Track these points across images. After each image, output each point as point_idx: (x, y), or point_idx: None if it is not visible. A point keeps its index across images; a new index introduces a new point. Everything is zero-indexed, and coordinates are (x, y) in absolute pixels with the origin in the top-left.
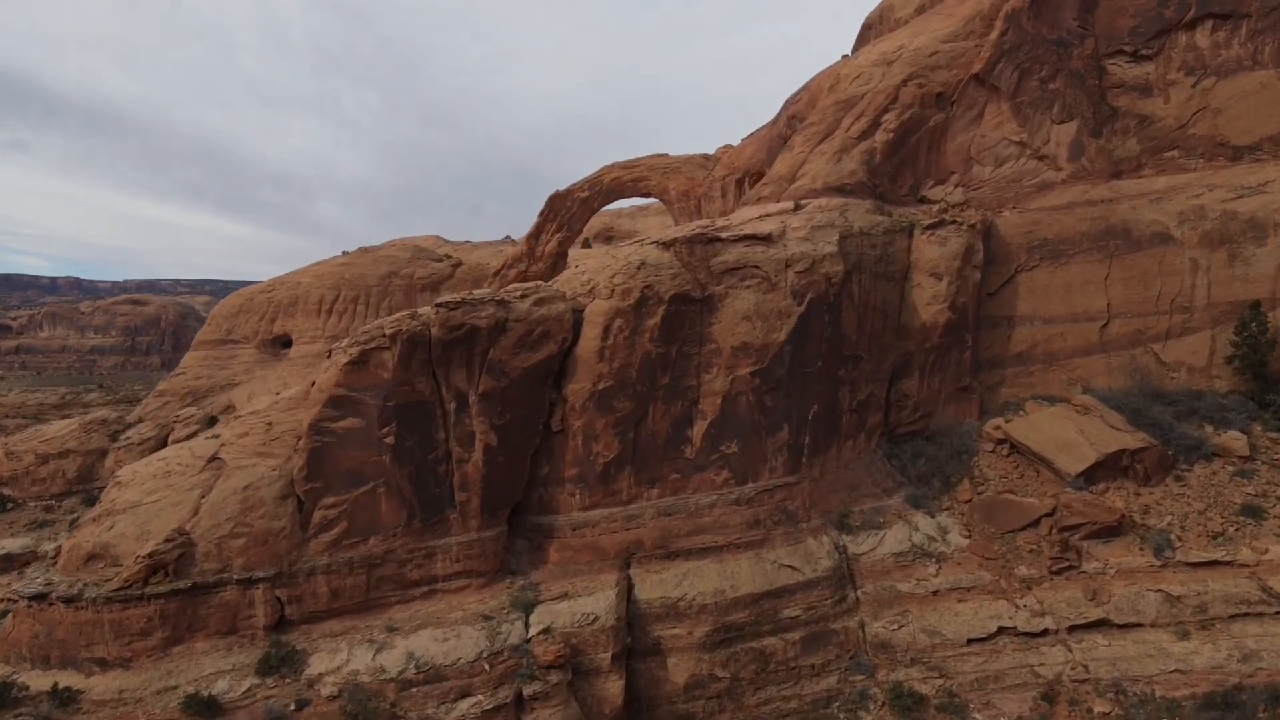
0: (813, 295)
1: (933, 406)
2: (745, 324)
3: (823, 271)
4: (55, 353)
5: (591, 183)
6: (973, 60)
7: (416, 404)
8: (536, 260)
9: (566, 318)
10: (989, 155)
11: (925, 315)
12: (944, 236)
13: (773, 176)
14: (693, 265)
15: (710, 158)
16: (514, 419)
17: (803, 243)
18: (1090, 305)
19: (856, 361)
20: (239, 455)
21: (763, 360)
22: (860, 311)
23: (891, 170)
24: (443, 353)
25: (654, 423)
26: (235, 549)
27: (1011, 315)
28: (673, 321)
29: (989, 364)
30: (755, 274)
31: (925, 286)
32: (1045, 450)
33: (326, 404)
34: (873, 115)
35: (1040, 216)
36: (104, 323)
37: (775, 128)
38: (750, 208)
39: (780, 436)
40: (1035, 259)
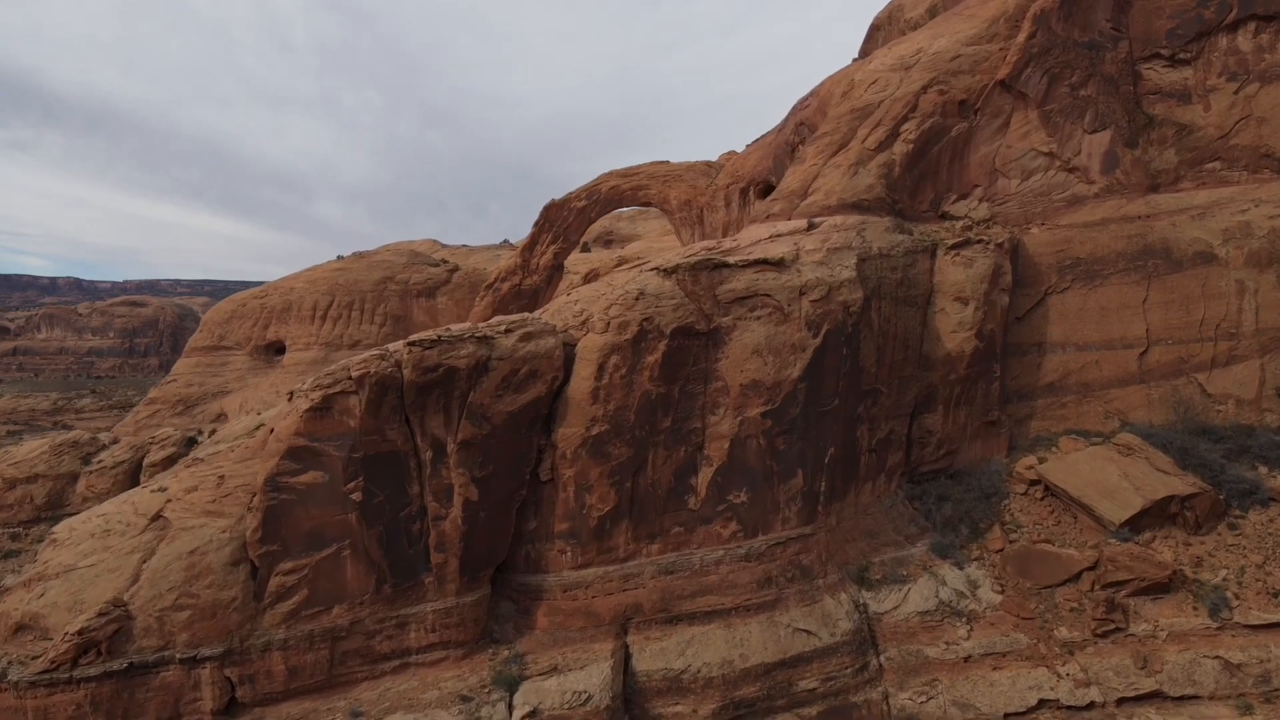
0: (829, 326)
1: (958, 443)
2: (755, 359)
3: (840, 299)
4: (53, 355)
5: (589, 191)
6: (997, 65)
7: (387, 455)
8: (531, 273)
9: (557, 354)
10: (1015, 167)
11: (950, 344)
12: (969, 257)
13: (783, 191)
14: (697, 294)
15: (713, 165)
16: (498, 469)
17: (818, 267)
18: (1127, 331)
19: (876, 397)
20: (186, 513)
21: (774, 399)
22: (880, 341)
23: (911, 184)
24: (417, 397)
25: (654, 470)
26: (179, 623)
27: (1041, 342)
28: (675, 358)
29: (1017, 395)
30: (766, 303)
31: (950, 312)
32: (1085, 495)
33: (285, 456)
34: (891, 124)
35: (1072, 234)
36: (101, 324)
37: (782, 134)
38: (759, 226)
39: (794, 483)
40: (1067, 280)
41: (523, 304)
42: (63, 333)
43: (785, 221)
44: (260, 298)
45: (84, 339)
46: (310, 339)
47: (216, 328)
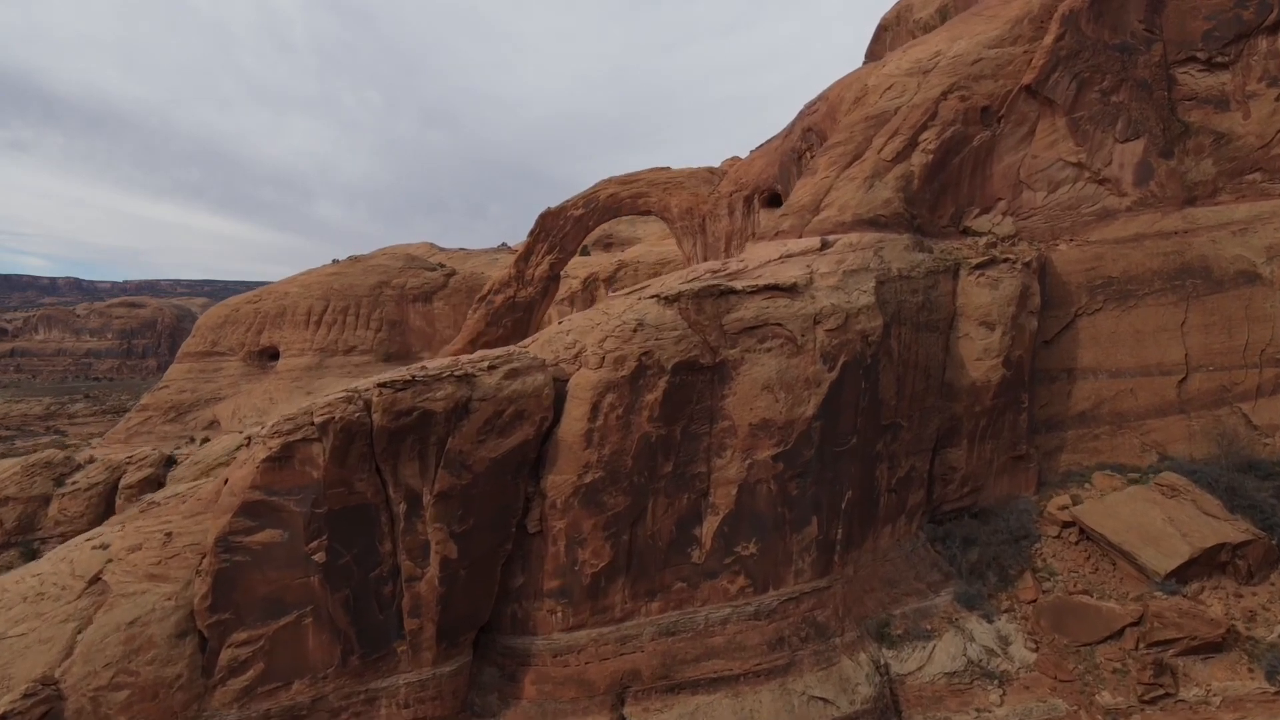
0: (846, 357)
1: (983, 479)
2: (766, 396)
3: (858, 328)
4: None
5: (586, 199)
6: (1022, 69)
7: (355, 509)
8: (526, 284)
9: (545, 393)
10: (1041, 179)
11: (975, 373)
12: (995, 278)
13: (793, 206)
14: (701, 325)
15: (715, 172)
16: (480, 522)
17: (833, 293)
18: (1165, 356)
19: (896, 431)
20: (127, 577)
21: (787, 440)
22: (899, 371)
23: (931, 198)
24: (388, 444)
25: (654, 521)
26: (116, 704)
27: (1072, 367)
28: (677, 396)
29: (1046, 425)
30: (777, 334)
31: (975, 338)
32: (1126, 542)
33: (239, 512)
34: (909, 133)
35: (1103, 250)
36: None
37: (788, 140)
38: (767, 244)
39: (808, 532)
40: (1098, 301)
41: (517, 317)
42: (60, 334)
43: (796, 240)
44: (254, 302)
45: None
46: (304, 344)
47: (209, 333)
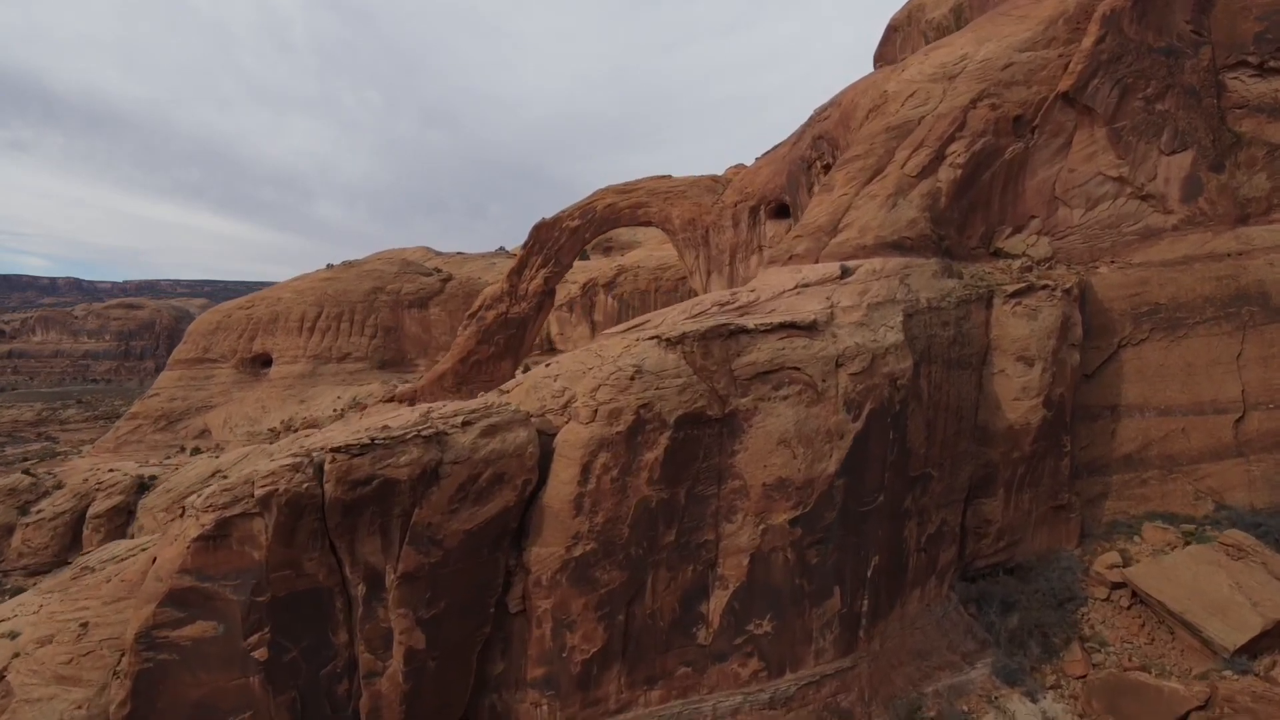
0: (873, 405)
1: (1021, 532)
2: (782, 452)
3: (885, 370)
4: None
5: (583, 210)
6: (1057, 74)
7: (305, 595)
8: (519, 300)
9: (529, 452)
10: (1079, 194)
11: (1013, 414)
12: (1033, 307)
13: (808, 227)
14: (708, 370)
15: (719, 180)
16: (452, 605)
17: (857, 330)
18: (1219, 392)
19: (926, 483)
20: (33, 678)
21: (806, 502)
22: (930, 415)
23: (959, 217)
24: (344, 518)
25: (654, 598)
26: None
27: (1115, 404)
28: (681, 453)
29: (1087, 469)
30: (795, 379)
31: (1011, 375)
32: (1189, 611)
33: (165, 601)
34: (935, 146)
35: (1148, 274)
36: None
37: (797, 148)
38: (780, 271)
39: (829, 605)
40: (1144, 330)
41: (510, 334)
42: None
43: (812, 266)
44: (246, 308)
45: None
46: (298, 351)
47: (201, 339)
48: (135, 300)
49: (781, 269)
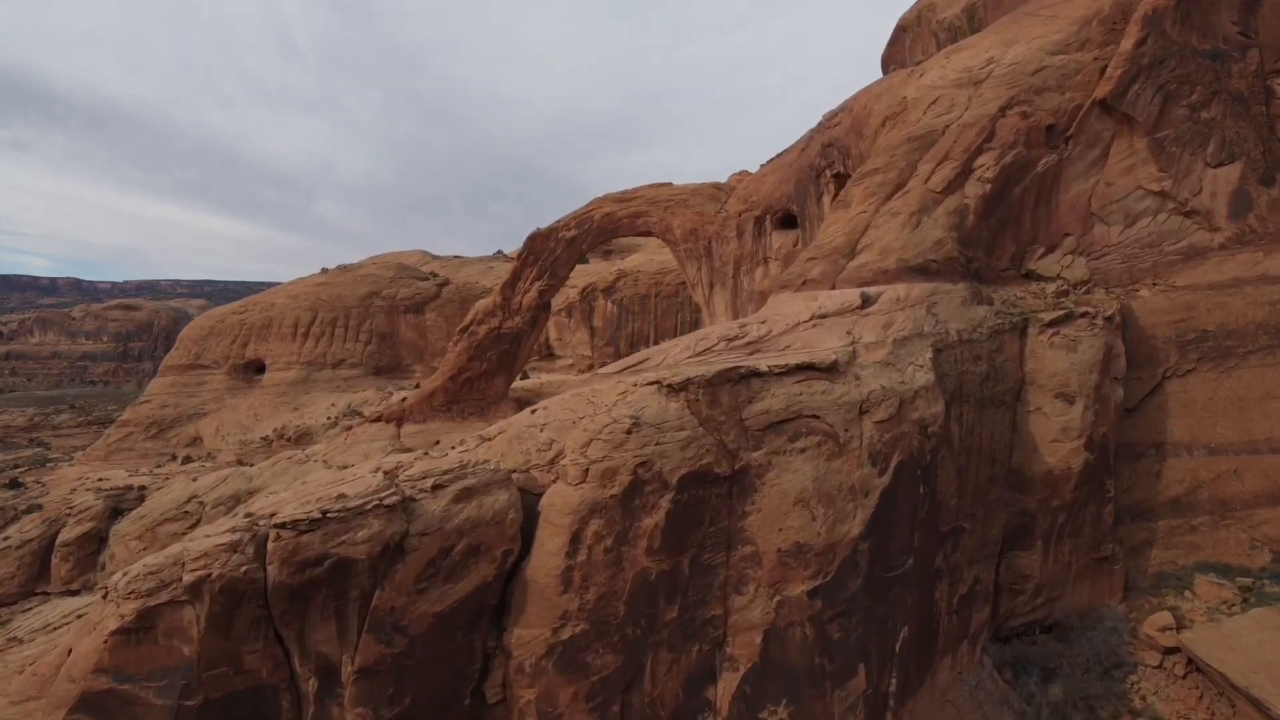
0: (901, 456)
1: (1060, 587)
2: (799, 513)
3: (915, 416)
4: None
5: (579, 219)
6: (1092, 79)
7: (245, 695)
8: (513, 314)
9: (510, 518)
10: (1117, 210)
11: (1052, 458)
12: (1072, 337)
13: (823, 247)
14: (716, 421)
15: (722, 188)
16: (420, 699)
17: (883, 371)
18: (1276, 429)
19: (957, 537)
20: None
21: (826, 569)
22: (962, 461)
23: (988, 236)
24: (291, 605)
25: (654, 684)
26: None
27: (1161, 441)
28: (685, 517)
29: (1130, 513)
30: (813, 429)
31: (1050, 414)
32: (1255, 685)
33: (76, 707)
34: (961, 158)
35: (1194, 298)
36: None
37: (805, 156)
38: (792, 296)
39: (853, 685)
40: (1190, 360)
41: (503, 349)
42: (56, 337)
43: (829, 293)
44: (239, 313)
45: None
46: (291, 358)
47: (193, 345)
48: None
49: (794, 295)
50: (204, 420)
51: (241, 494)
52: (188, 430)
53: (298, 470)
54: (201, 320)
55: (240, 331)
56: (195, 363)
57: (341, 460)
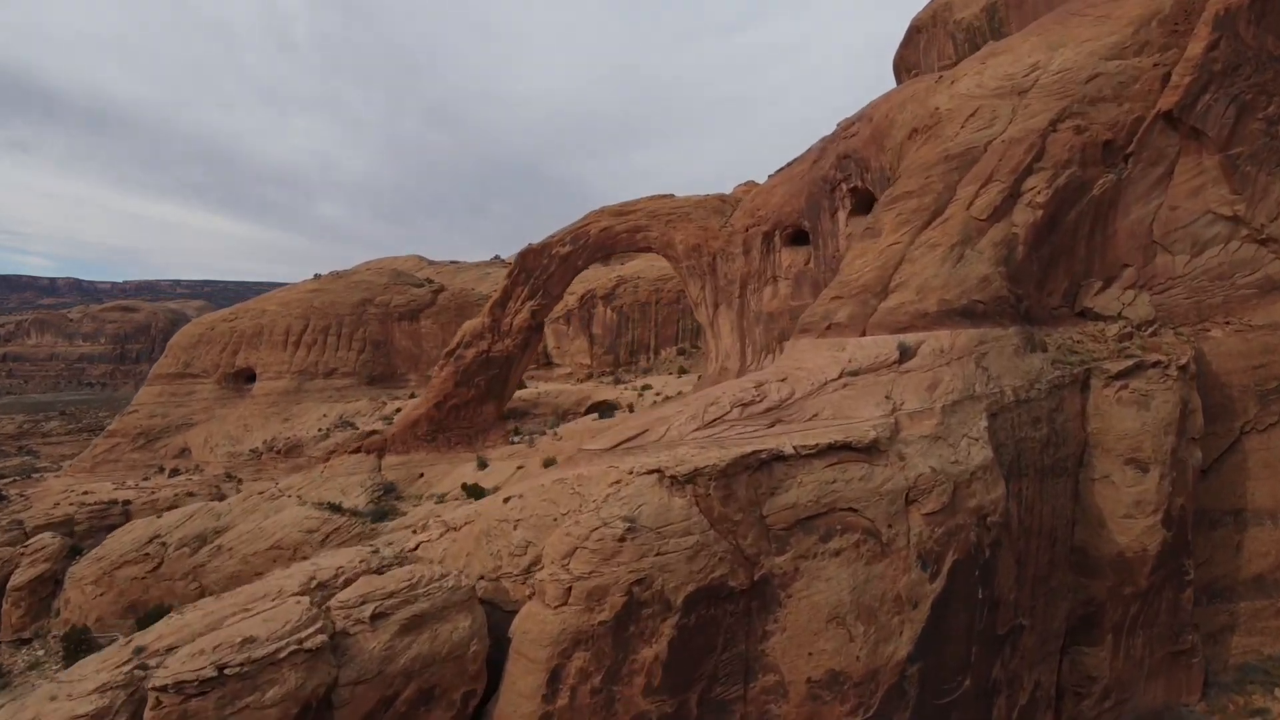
0: (957, 555)
1: (1131, 687)
2: (834, 632)
3: (972, 504)
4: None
5: (574, 234)
6: (1152, 89)
7: None
8: (503, 336)
9: (474, 650)
10: (1183, 238)
11: (1124, 537)
12: (1143, 391)
13: (851, 284)
14: (731, 521)
15: (726, 200)
16: None
17: (932, 448)
18: None
19: (1016, 638)
20: None
21: (868, 702)
22: (1021, 546)
23: (1039, 270)
24: None
25: None
26: None
27: (1240, 508)
28: (693, 645)
29: (1206, 593)
30: (850, 524)
31: (1119, 483)
32: None
33: None
34: (1009, 180)
35: (1274, 339)
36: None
37: (818, 167)
38: (815, 344)
39: None
40: (1273, 413)
41: (492, 374)
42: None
43: (858, 340)
44: (230, 320)
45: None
46: (282, 366)
47: (182, 353)
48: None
49: (817, 342)
50: (193, 431)
51: (208, 533)
52: (176, 441)
53: (269, 507)
54: (191, 328)
55: (230, 339)
56: (184, 371)
57: (318, 495)
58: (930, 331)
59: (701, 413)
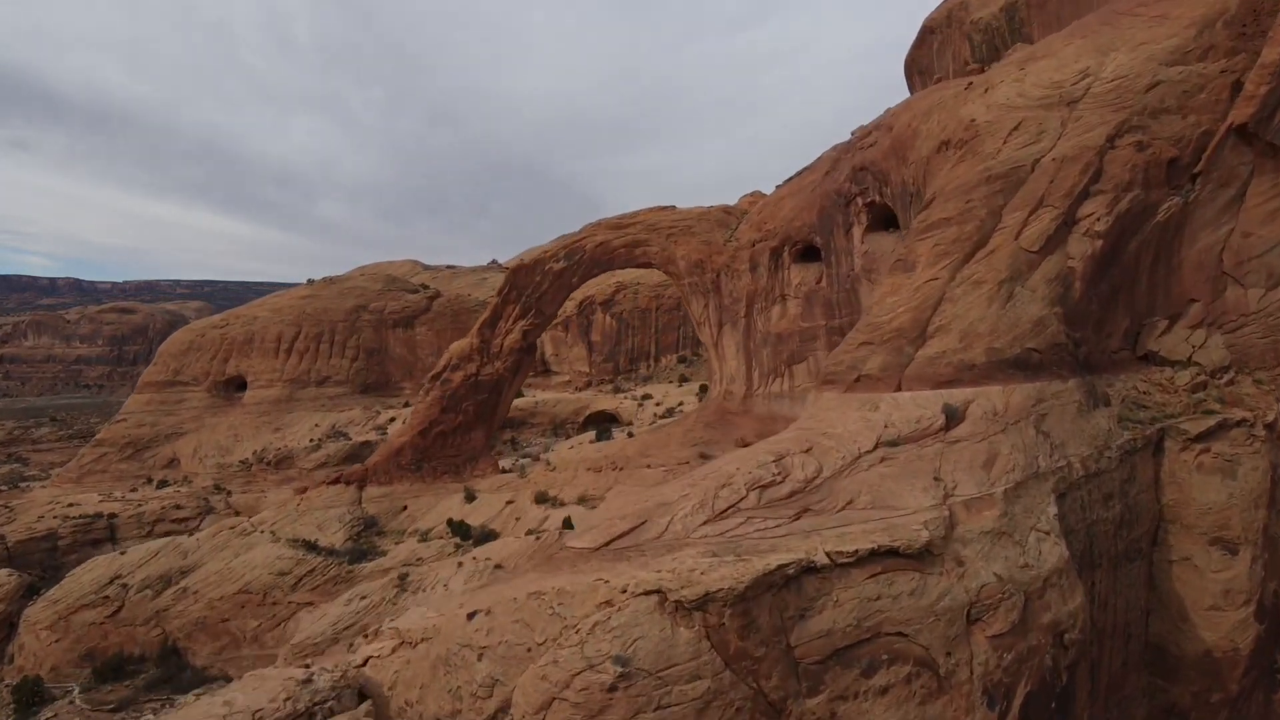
0: (1031, 686)
1: None
2: None
3: (1046, 620)
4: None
5: (569, 249)
6: (1221, 98)
7: None
8: (493, 358)
9: None
10: (1257, 269)
11: (1211, 633)
12: (1227, 456)
13: (882, 328)
14: (751, 658)
15: (732, 211)
16: None
17: (995, 546)
18: None
19: None
20: None
21: None
22: (1094, 654)
23: (1098, 309)
24: None
25: None
26: None
27: None
28: None
29: None
30: (899, 653)
31: (1203, 567)
32: None
33: None
34: (1063, 205)
35: None
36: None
37: (831, 179)
38: (843, 401)
39: None
40: None
41: (481, 399)
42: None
43: (894, 399)
44: (220, 327)
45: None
46: (274, 375)
47: (172, 360)
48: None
49: (845, 398)
50: (182, 440)
51: (174, 573)
52: (164, 451)
53: (241, 543)
54: (181, 334)
55: (221, 346)
56: (174, 379)
57: (293, 530)
58: (979, 387)
59: (711, 499)
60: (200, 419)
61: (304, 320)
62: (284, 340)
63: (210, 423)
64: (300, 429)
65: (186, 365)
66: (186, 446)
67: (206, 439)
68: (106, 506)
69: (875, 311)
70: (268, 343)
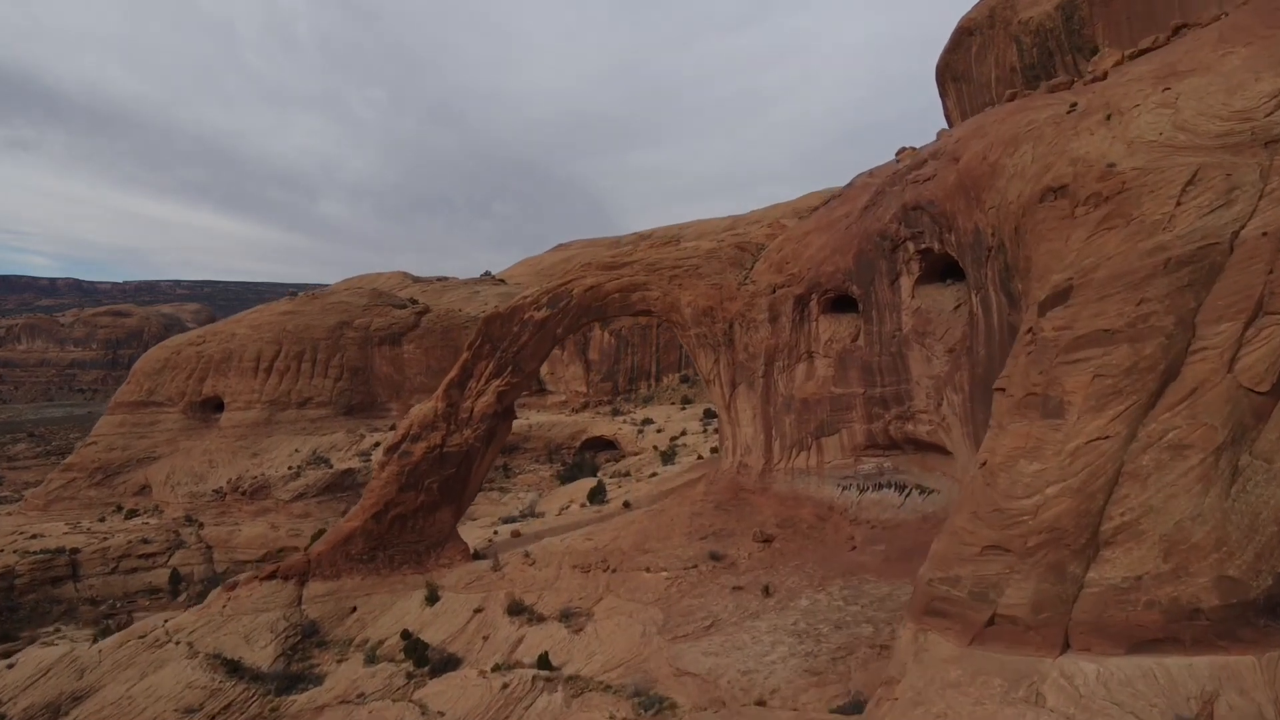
0: None
1: None
2: None
3: None
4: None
5: (553, 294)
6: None
7: None
8: (461, 425)
9: None
10: None
11: None
12: None
13: (1021, 518)
14: None
15: (746, 247)
16: None
17: None
18: None
19: None
20: None
21: None
22: None
23: None
24: None
25: None
26: None
27: None
28: None
29: None
30: None
31: None
32: None
33: None
34: None
35: None
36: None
37: (871, 215)
38: (957, 664)
39: None
40: None
41: (447, 474)
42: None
43: (1064, 676)
44: (196, 345)
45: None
46: (252, 395)
47: (146, 379)
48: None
49: (974, 664)
50: (155, 466)
51: (64, 700)
52: (136, 477)
53: (149, 659)
54: (155, 351)
55: (197, 365)
56: (148, 399)
57: (215, 642)
58: (1211, 656)
59: None
60: (175, 442)
61: (284, 338)
62: (263, 359)
63: (185, 446)
64: (279, 454)
65: (161, 385)
66: (159, 472)
67: (180, 464)
68: (70, 540)
69: (1004, 482)
70: (246, 361)
